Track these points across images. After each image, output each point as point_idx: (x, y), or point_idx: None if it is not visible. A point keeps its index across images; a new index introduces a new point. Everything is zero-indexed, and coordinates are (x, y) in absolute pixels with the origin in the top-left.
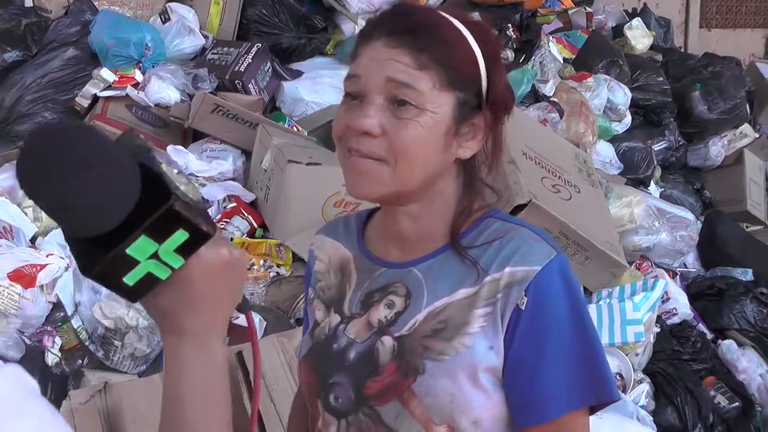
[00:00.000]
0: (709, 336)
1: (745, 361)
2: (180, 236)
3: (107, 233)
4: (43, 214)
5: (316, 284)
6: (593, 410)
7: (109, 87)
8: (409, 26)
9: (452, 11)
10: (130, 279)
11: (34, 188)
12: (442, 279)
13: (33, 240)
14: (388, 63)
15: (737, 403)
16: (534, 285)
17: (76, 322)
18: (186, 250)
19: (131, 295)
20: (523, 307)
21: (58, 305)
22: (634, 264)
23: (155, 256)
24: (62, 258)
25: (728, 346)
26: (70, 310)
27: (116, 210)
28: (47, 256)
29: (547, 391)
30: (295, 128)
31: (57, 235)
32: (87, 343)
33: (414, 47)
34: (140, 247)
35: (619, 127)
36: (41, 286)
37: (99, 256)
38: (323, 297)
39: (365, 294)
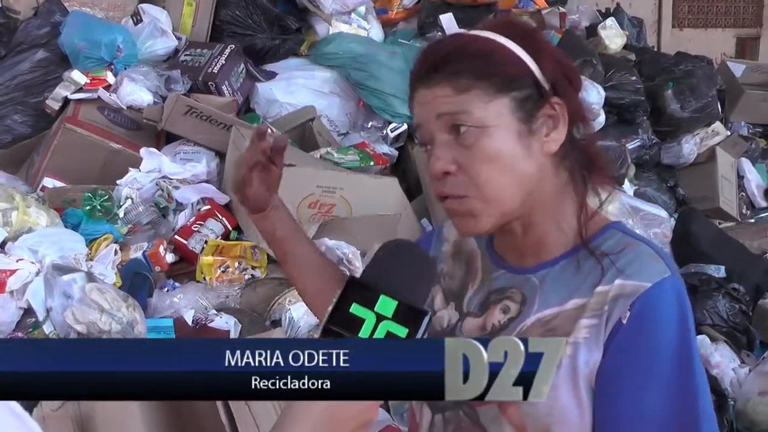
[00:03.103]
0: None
1: (718, 356)
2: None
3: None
4: (13, 218)
5: (439, 265)
6: None
7: (80, 89)
8: (437, 60)
9: (482, 25)
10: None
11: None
12: (556, 288)
13: (2, 245)
14: (433, 102)
15: None
16: (640, 301)
17: (47, 328)
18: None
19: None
20: (624, 321)
21: (29, 311)
22: None
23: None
24: (33, 263)
25: (701, 342)
26: (41, 316)
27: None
28: (17, 261)
29: (629, 415)
30: (269, 129)
31: (27, 239)
32: None
33: (448, 77)
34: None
35: (593, 127)
36: (11, 292)
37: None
38: (443, 284)
39: (485, 295)
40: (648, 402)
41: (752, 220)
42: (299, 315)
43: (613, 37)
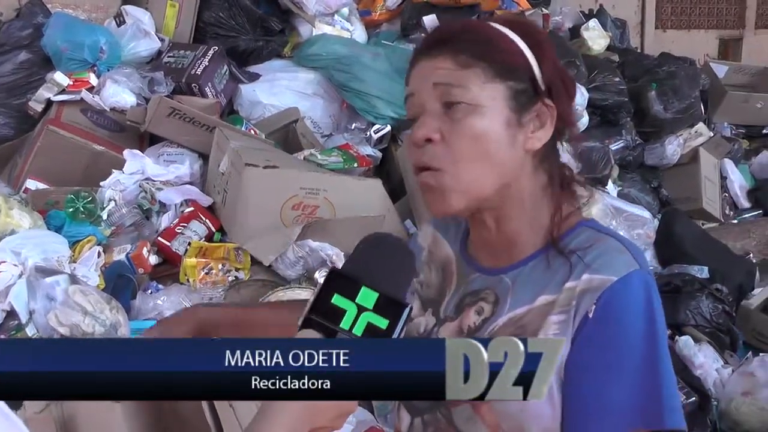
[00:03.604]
0: (666, 332)
1: (701, 357)
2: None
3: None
4: None
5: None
6: None
7: (63, 91)
8: (445, 36)
9: (488, 19)
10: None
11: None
12: (527, 287)
13: None
14: (432, 72)
15: (694, 398)
16: (606, 294)
17: (30, 330)
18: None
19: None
20: (590, 315)
21: (11, 313)
22: None
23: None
24: (15, 265)
25: (685, 342)
26: (24, 318)
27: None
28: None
29: (596, 407)
30: (252, 131)
31: (10, 242)
32: None
33: (453, 51)
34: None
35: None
36: None
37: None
38: (420, 292)
39: (460, 298)
40: (614, 395)
41: (735, 221)
42: None
43: (596, 38)
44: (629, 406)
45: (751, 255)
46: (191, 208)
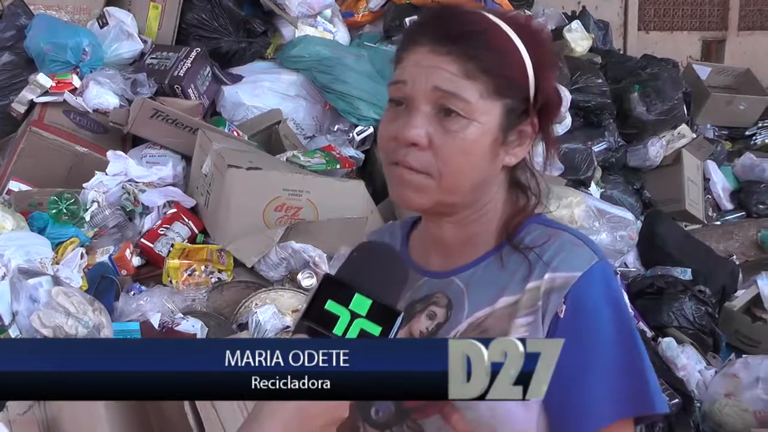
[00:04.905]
0: (650, 334)
1: (684, 358)
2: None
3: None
4: None
5: None
6: (638, 421)
7: (46, 93)
8: (456, 32)
9: (500, 13)
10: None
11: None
12: (483, 288)
13: None
14: (435, 71)
15: (677, 400)
16: (573, 292)
17: (13, 332)
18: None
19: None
20: (561, 315)
21: None
22: None
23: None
24: None
25: (668, 344)
26: (7, 320)
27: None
28: None
29: (582, 403)
30: (235, 133)
31: None
32: None
33: (461, 55)
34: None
35: (560, 129)
36: None
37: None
38: None
39: (407, 304)
40: (601, 389)
41: (718, 223)
42: (266, 318)
43: (578, 39)
44: (617, 397)
45: (734, 257)
46: (174, 210)
